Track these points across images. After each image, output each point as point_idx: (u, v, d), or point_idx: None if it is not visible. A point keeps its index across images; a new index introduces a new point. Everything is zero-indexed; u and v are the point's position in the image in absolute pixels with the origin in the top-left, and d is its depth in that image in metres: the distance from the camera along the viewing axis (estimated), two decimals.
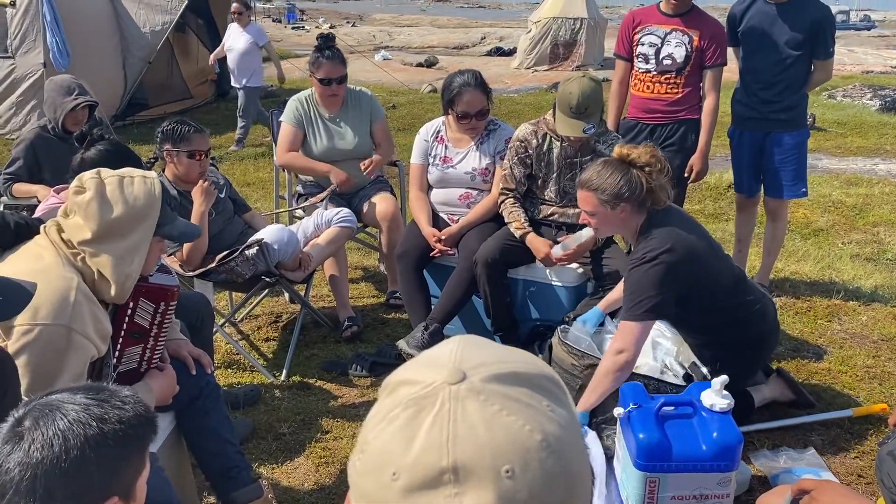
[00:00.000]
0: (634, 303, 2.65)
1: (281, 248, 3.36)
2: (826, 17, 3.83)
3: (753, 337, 2.90)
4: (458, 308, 3.54)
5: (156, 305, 2.19)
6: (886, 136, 8.58)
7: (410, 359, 2.98)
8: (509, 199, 3.52)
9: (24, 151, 3.98)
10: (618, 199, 2.64)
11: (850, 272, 4.69)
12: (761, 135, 4.01)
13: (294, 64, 15.11)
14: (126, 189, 2.02)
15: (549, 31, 14.46)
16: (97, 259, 1.98)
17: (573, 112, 3.24)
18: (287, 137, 4.11)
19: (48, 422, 1.15)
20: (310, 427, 3.08)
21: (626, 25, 4.09)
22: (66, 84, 3.98)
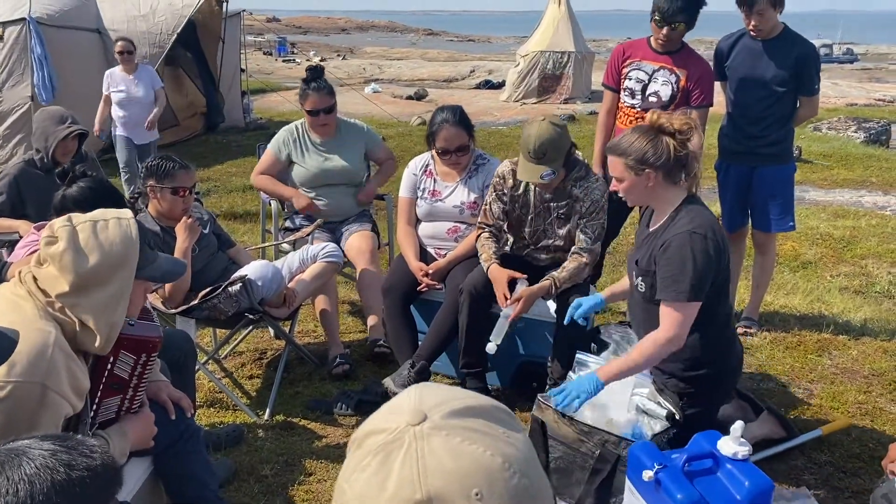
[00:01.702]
0: (676, 279, 2.52)
1: (265, 285, 3.32)
2: (811, 54, 3.86)
3: (726, 368, 2.86)
4: (445, 345, 3.49)
5: (136, 357, 2.11)
6: (871, 169, 8.64)
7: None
8: (484, 233, 3.47)
9: (7, 186, 3.93)
10: (643, 164, 2.57)
11: (839, 305, 4.68)
12: (748, 169, 4.02)
13: (284, 97, 15.19)
14: (101, 235, 1.93)
15: (536, 65, 14.59)
16: (78, 312, 1.89)
17: (531, 156, 3.15)
18: (264, 162, 4.24)
19: (13, 466, 1.09)
20: (293, 469, 3.01)
21: (615, 56, 4.11)
22: (59, 114, 4.00)
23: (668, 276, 2.55)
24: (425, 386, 0.76)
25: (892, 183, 8.10)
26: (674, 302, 2.55)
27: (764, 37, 3.82)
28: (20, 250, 2.73)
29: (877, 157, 9.19)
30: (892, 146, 10.35)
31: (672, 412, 2.67)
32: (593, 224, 3.31)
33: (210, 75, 10.58)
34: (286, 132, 4.18)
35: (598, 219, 3.31)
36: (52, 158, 3.89)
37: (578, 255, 3.31)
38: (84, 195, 2.78)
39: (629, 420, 2.77)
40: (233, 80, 11.24)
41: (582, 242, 3.30)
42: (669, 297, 2.55)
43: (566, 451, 2.69)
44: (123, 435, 2.10)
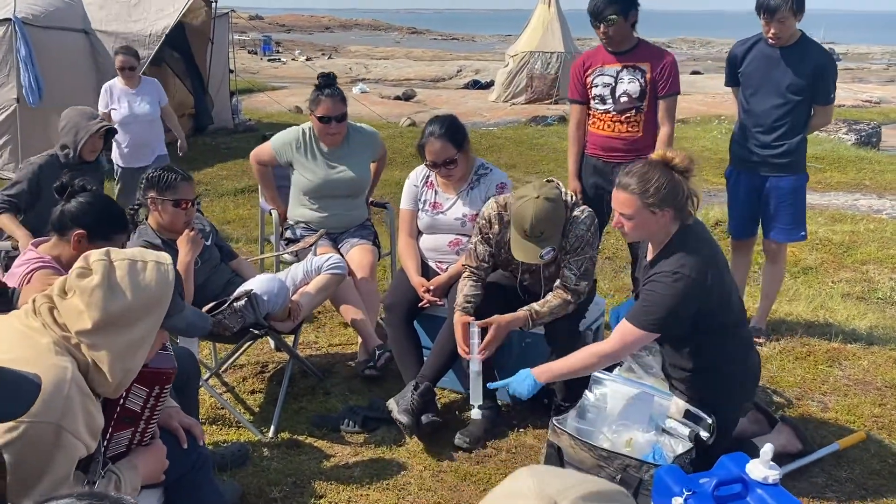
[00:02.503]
0: (645, 311, 2.65)
1: (271, 300, 3.22)
2: (829, 63, 3.81)
3: (744, 372, 2.85)
4: (449, 363, 3.38)
5: (150, 390, 2.01)
6: (864, 171, 8.66)
7: (401, 426, 2.71)
8: (465, 274, 3.29)
9: (30, 175, 3.90)
10: (664, 203, 2.56)
11: (843, 312, 4.65)
12: (759, 178, 3.97)
13: (272, 97, 15.04)
14: (138, 276, 1.83)
15: (526, 65, 14.54)
16: (95, 352, 1.79)
17: (528, 235, 2.95)
18: (262, 153, 4.15)
19: None
20: (302, 491, 2.92)
21: (576, 70, 4.08)
22: (90, 111, 4.07)
23: (642, 303, 2.66)
24: (540, 470, 0.76)
25: (886, 186, 8.11)
26: (635, 326, 2.65)
27: (782, 44, 3.76)
28: (17, 269, 2.61)
29: (869, 159, 9.22)
30: (883, 148, 10.39)
31: (698, 433, 2.61)
32: (578, 260, 3.10)
33: (199, 76, 10.42)
34: (292, 136, 4.03)
35: (583, 254, 3.10)
36: (78, 154, 3.89)
37: (563, 290, 3.12)
38: (83, 210, 2.67)
39: (648, 440, 2.71)
40: (221, 81, 11.08)
41: (566, 279, 3.12)
42: (633, 320, 2.66)
43: None
44: (134, 469, 2.00)
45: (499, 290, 3.33)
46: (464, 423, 3.37)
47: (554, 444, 2.68)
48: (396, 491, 2.92)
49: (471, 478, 3.00)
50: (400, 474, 3.02)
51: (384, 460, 3.12)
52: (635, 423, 2.75)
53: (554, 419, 2.73)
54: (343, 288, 3.71)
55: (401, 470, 3.05)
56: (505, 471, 3.03)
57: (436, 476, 3.01)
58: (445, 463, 3.10)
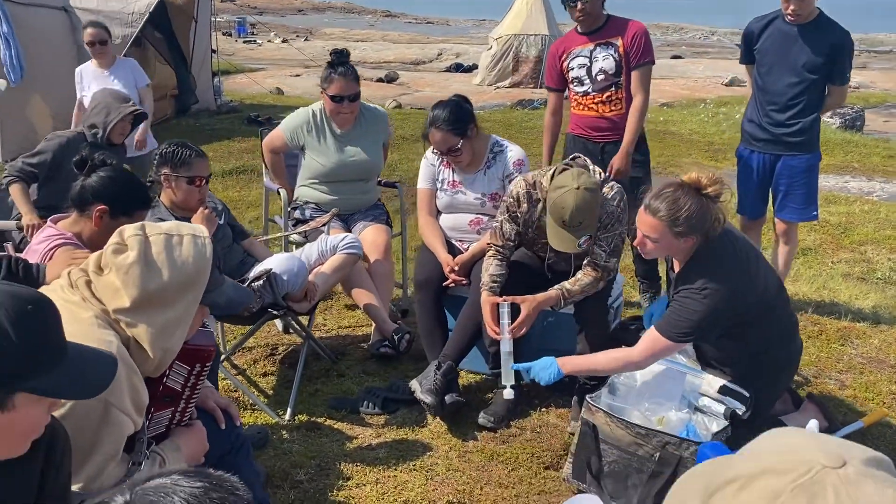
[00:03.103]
0: (675, 323, 2.63)
1: (290, 279, 3.15)
2: (846, 42, 3.79)
3: (787, 357, 2.84)
4: (472, 343, 3.34)
5: (190, 368, 1.95)
6: (852, 154, 8.73)
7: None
8: (490, 253, 3.23)
9: (56, 147, 3.82)
10: (692, 230, 2.54)
11: (845, 292, 4.68)
12: (772, 157, 3.96)
13: (252, 78, 14.80)
14: (174, 251, 1.76)
15: (510, 48, 14.44)
16: (134, 329, 1.73)
17: (566, 225, 2.89)
18: (275, 140, 4.03)
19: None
20: (328, 473, 2.86)
21: (552, 57, 4.12)
22: (123, 94, 4.03)
23: (672, 315, 2.64)
24: (797, 429, 0.75)
25: (873, 168, 8.19)
26: (664, 337, 2.63)
27: (800, 21, 3.73)
28: (38, 245, 2.51)
29: (855, 142, 9.30)
30: (867, 132, 10.49)
31: (734, 411, 2.59)
32: (608, 237, 3.06)
33: (182, 56, 10.20)
34: (302, 117, 3.92)
35: (613, 230, 3.06)
36: (107, 136, 3.85)
37: (592, 268, 3.10)
38: (104, 185, 2.58)
39: (681, 419, 2.69)
40: (203, 62, 10.86)
41: (596, 256, 3.09)
42: (662, 331, 2.64)
43: (621, 455, 2.60)
44: (178, 450, 1.94)
45: (523, 269, 3.29)
46: (485, 402, 3.33)
47: (589, 421, 2.65)
48: (424, 471, 2.87)
49: (498, 457, 2.96)
50: (426, 455, 2.98)
51: (408, 441, 3.07)
52: (667, 402, 2.74)
53: (588, 397, 2.70)
54: (354, 272, 3.64)
55: (426, 450, 3.01)
56: (531, 450, 3.00)
57: (462, 456, 2.98)
58: (471, 443, 3.06)
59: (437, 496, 2.73)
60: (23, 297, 1.21)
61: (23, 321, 1.18)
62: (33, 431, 1.25)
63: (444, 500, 2.72)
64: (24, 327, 1.18)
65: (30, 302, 1.21)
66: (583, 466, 2.68)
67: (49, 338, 1.24)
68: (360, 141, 3.92)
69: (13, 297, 1.20)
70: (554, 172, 3.03)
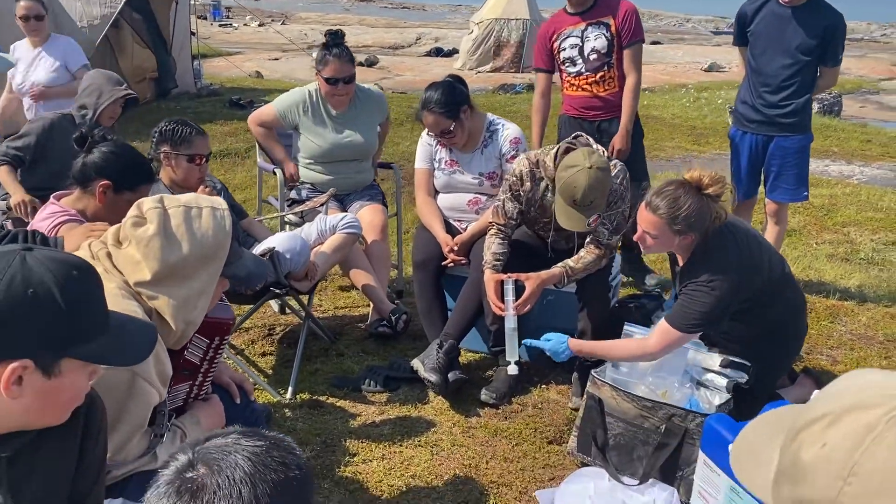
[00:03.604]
0: (685, 315, 2.66)
1: (293, 258, 3.14)
2: (840, 24, 3.83)
3: (795, 336, 2.90)
4: (472, 321, 3.36)
5: (210, 341, 1.95)
6: (831, 139, 8.86)
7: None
8: (492, 231, 3.24)
9: (40, 130, 3.74)
10: (691, 229, 2.59)
11: (830, 272, 4.77)
12: (764, 138, 4.00)
13: (231, 61, 14.64)
14: (194, 223, 1.76)
15: (491, 33, 14.43)
16: (156, 302, 1.73)
17: (577, 205, 2.88)
18: (266, 116, 3.98)
19: (231, 466, 0.94)
20: (334, 450, 2.87)
21: (542, 38, 4.12)
22: (116, 77, 3.93)
23: (681, 307, 2.67)
24: (887, 371, 0.74)
25: (852, 153, 8.33)
26: (675, 329, 2.66)
27: (794, 3, 3.77)
28: (41, 222, 2.48)
29: (833, 127, 9.44)
30: (844, 117, 10.65)
31: (737, 383, 2.64)
32: (611, 214, 3.08)
33: (161, 38, 10.05)
34: (298, 97, 3.90)
35: (616, 208, 3.08)
36: (96, 118, 3.75)
37: (596, 245, 3.11)
38: (107, 160, 2.55)
39: (684, 394, 2.73)
40: (183, 44, 10.71)
41: (599, 234, 3.10)
42: (673, 323, 2.67)
43: (626, 428, 2.64)
44: (197, 424, 1.94)
45: (525, 247, 3.31)
46: (485, 380, 3.36)
47: (594, 395, 2.69)
48: (429, 447, 2.90)
49: (502, 433, 2.99)
50: (430, 431, 3.00)
51: (411, 418, 3.09)
52: (670, 376, 2.78)
53: (593, 371, 2.74)
54: (352, 252, 3.64)
55: (430, 427, 3.03)
56: (534, 426, 3.04)
57: (466, 432, 3.00)
58: (474, 419, 3.09)
59: (444, 471, 2.76)
60: (69, 263, 1.21)
61: (69, 286, 1.17)
62: (77, 399, 1.25)
63: (450, 474, 2.74)
64: (70, 292, 1.17)
65: (75, 267, 1.21)
66: (588, 440, 2.72)
67: (94, 304, 1.24)
68: (356, 122, 3.91)
69: (59, 262, 1.19)
70: (557, 151, 3.04)
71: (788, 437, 0.74)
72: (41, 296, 1.15)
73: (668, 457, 2.54)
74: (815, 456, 0.69)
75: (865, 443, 0.66)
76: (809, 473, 0.69)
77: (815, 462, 0.69)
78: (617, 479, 2.54)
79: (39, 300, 1.14)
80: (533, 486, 2.68)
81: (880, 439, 0.66)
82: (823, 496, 0.67)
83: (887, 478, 0.64)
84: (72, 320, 1.18)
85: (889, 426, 0.66)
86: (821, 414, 0.72)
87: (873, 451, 0.66)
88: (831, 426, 0.69)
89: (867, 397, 0.70)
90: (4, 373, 1.13)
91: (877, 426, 0.67)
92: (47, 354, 1.16)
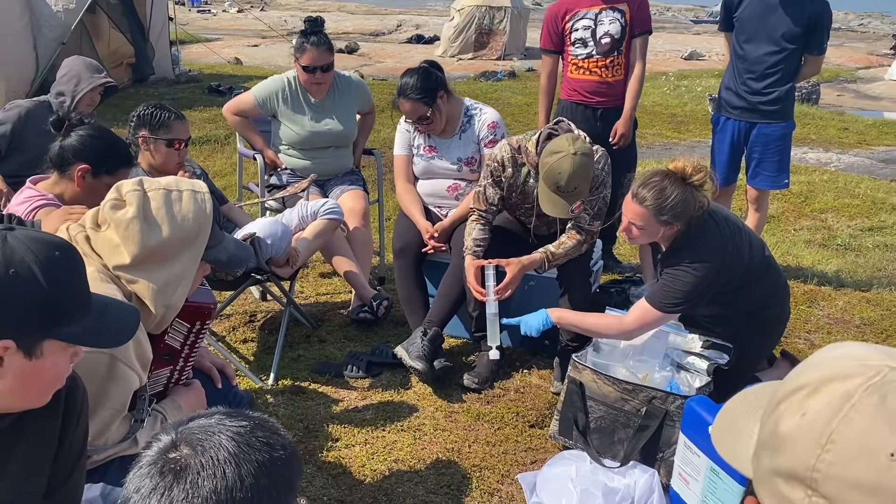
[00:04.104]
0: (665, 294, 2.69)
1: (274, 243, 3.12)
2: (825, 12, 3.84)
3: (770, 318, 2.92)
4: (455, 308, 3.36)
5: (190, 325, 1.93)
6: (809, 126, 8.94)
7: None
8: (473, 217, 3.24)
9: (15, 119, 3.67)
10: (676, 219, 2.61)
11: (808, 258, 4.83)
12: (747, 124, 4.02)
13: (210, 48, 14.49)
14: (174, 207, 1.74)
15: (472, 20, 14.38)
16: (135, 286, 1.71)
17: (561, 191, 2.88)
18: (242, 104, 3.96)
19: (215, 446, 0.94)
20: (316, 435, 2.87)
21: (554, 17, 4.08)
22: (95, 64, 3.89)
23: (662, 288, 2.70)
24: (867, 344, 0.75)
25: (830, 140, 8.42)
26: (655, 308, 2.69)
27: None
28: (18, 206, 2.44)
29: (811, 115, 9.53)
30: (822, 105, 10.75)
31: (717, 365, 2.67)
32: (593, 200, 3.07)
33: (139, 23, 9.91)
34: (276, 84, 3.87)
35: (598, 193, 3.07)
36: (74, 106, 3.69)
37: (576, 231, 3.11)
38: (85, 144, 2.51)
39: (664, 377, 2.76)
40: (161, 30, 10.58)
41: (580, 219, 3.10)
42: (653, 302, 2.70)
43: (607, 411, 2.66)
44: (179, 409, 1.93)
45: (506, 233, 3.31)
46: (467, 365, 3.37)
47: (576, 379, 2.70)
48: (412, 431, 2.90)
49: (483, 417, 3.01)
50: (413, 416, 3.01)
51: (394, 403, 3.10)
52: (651, 360, 2.80)
53: (574, 356, 2.75)
54: (334, 239, 3.63)
55: (413, 412, 3.04)
56: (516, 410, 3.05)
57: (449, 417, 3.01)
58: (457, 404, 3.10)
59: (427, 454, 2.77)
60: (51, 243, 1.19)
61: (52, 267, 1.16)
62: (58, 381, 1.23)
63: (433, 458, 2.75)
64: (53, 273, 1.16)
65: (57, 248, 1.19)
66: (569, 423, 2.74)
67: (76, 285, 1.22)
68: (334, 110, 3.90)
69: (41, 242, 1.17)
70: (539, 137, 3.04)
71: (768, 409, 0.75)
72: (22, 275, 1.13)
73: (648, 439, 2.57)
74: (794, 425, 0.70)
75: (843, 411, 0.68)
76: (789, 442, 0.70)
77: (795, 431, 0.70)
78: (598, 461, 2.56)
79: (21, 280, 1.13)
80: (515, 469, 2.69)
81: (857, 407, 0.67)
82: (802, 463, 0.68)
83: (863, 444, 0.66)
84: (54, 301, 1.16)
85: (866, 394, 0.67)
86: (800, 385, 0.73)
87: (851, 417, 0.67)
88: (810, 396, 0.71)
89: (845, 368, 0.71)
90: None
91: (854, 395, 0.68)
92: (29, 335, 1.15)
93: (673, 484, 2.44)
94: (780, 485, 0.71)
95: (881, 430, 0.66)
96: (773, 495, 0.71)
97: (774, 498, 0.71)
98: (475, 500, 2.55)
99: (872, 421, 0.67)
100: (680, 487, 2.40)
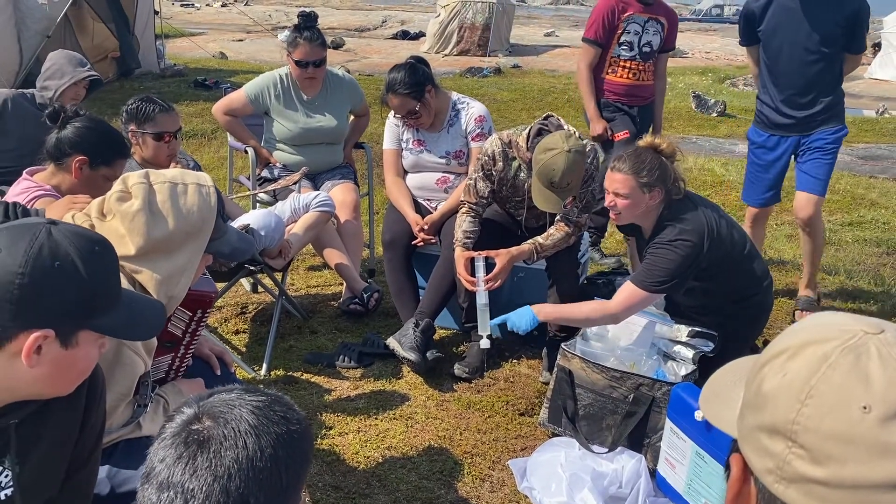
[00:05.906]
0: (650, 274, 2.76)
1: (268, 235, 3.16)
2: (864, 9, 3.54)
3: (754, 307, 2.99)
4: (446, 299, 3.41)
5: (192, 314, 1.97)
6: None
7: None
8: (463, 209, 3.29)
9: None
10: (657, 181, 2.67)
11: (790, 252, 4.92)
12: (797, 138, 3.72)
13: (195, 42, 14.43)
14: (179, 200, 1.77)
15: (458, 16, 14.42)
16: (139, 276, 1.75)
17: (554, 187, 2.91)
18: (234, 102, 3.98)
19: (236, 419, 0.99)
20: (309, 423, 2.90)
21: (608, 11, 4.10)
22: (79, 58, 3.88)
23: (646, 267, 2.77)
24: (848, 314, 0.81)
25: None
26: (640, 288, 2.75)
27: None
28: (15, 198, 2.46)
29: None
30: None
31: (703, 354, 2.74)
32: (582, 193, 3.12)
33: (123, 17, 9.87)
34: (268, 81, 3.91)
35: (586, 187, 3.12)
36: (58, 98, 3.65)
37: (564, 223, 3.17)
38: (81, 135, 2.54)
39: (651, 366, 2.83)
40: (146, 24, 10.53)
41: (569, 212, 3.15)
42: (637, 283, 2.76)
43: (596, 398, 2.72)
44: (180, 394, 1.97)
45: (496, 225, 3.37)
46: (457, 355, 3.42)
47: (565, 367, 2.77)
48: (404, 420, 2.96)
49: (474, 406, 3.06)
50: (404, 404, 3.06)
51: (386, 392, 3.15)
52: (638, 349, 2.87)
53: (563, 345, 2.81)
54: (325, 231, 3.67)
55: (404, 401, 3.09)
56: (506, 398, 3.11)
57: (440, 405, 3.07)
58: (448, 393, 3.15)
59: (419, 442, 2.82)
60: (90, 238, 1.25)
61: (92, 260, 1.21)
62: (87, 370, 1.28)
63: (425, 445, 2.81)
64: (93, 266, 1.21)
65: (96, 242, 1.25)
66: (558, 411, 2.80)
67: (111, 278, 1.28)
68: (327, 107, 3.94)
69: (81, 236, 1.23)
70: (529, 132, 3.10)
71: (752, 374, 0.81)
72: (66, 268, 1.18)
73: (635, 425, 2.63)
74: (776, 385, 0.76)
75: (821, 370, 0.74)
76: (771, 400, 0.76)
77: (776, 390, 0.76)
78: (587, 447, 2.62)
79: (65, 272, 1.18)
80: (506, 456, 2.75)
81: (834, 366, 0.74)
82: (783, 418, 0.74)
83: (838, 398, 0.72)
84: (92, 293, 1.22)
85: (842, 355, 0.74)
86: (782, 349, 0.79)
87: (828, 376, 0.73)
88: (791, 359, 0.77)
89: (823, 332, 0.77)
90: (28, 341, 1.16)
91: (831, 355, 0.74)
92: (68, 325, 1.20)
93: (659, 468, 2.50)
94: (763, 439, 0.76)
95: (855, 386, 0.72)
96: (757, 450, 0.77)
97: (758, 452, 0.77)
98: (467, 486, 2.61)
99: (847, 378, 0.73)
100: (666, 472, 2.46)
